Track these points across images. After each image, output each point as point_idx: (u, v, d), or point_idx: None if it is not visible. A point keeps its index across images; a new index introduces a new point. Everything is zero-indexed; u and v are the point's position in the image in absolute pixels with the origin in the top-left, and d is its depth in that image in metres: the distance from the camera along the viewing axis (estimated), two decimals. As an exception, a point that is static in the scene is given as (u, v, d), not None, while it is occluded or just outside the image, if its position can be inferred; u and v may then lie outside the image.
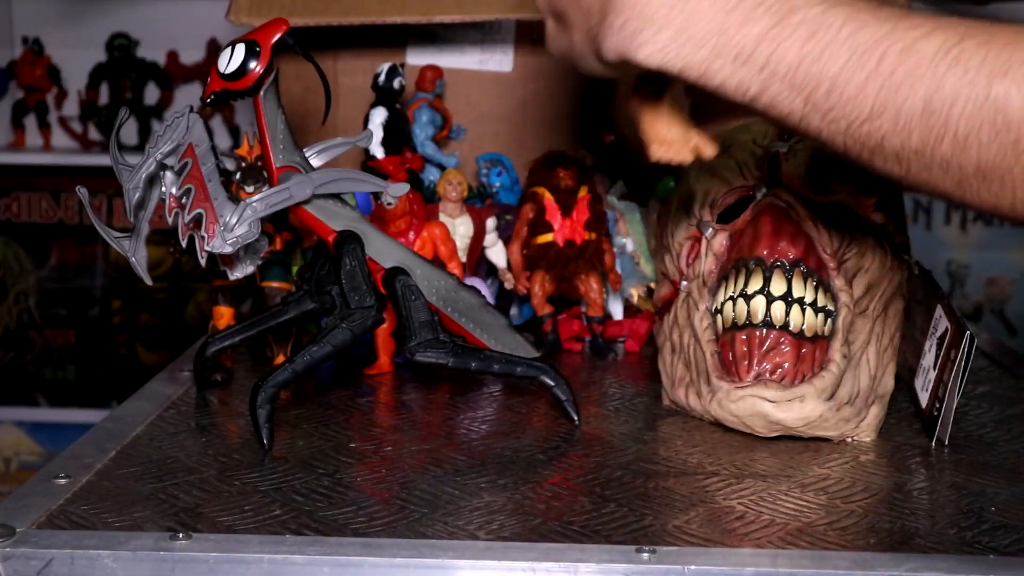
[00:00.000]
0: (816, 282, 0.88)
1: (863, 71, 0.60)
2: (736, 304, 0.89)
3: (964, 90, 0.58)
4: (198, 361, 0.98)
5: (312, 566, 0.67)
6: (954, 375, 0.84)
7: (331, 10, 1.19)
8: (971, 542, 0.70)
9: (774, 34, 0.62)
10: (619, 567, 0.66)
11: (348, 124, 1.22)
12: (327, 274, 0.91)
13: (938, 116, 0.59)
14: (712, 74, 0.64)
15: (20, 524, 0.70)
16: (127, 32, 2.49)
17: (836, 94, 0.61)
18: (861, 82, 0.60)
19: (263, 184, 0.91)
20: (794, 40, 0.62)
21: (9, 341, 2.55)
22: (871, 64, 0.60)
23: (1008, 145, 0.57)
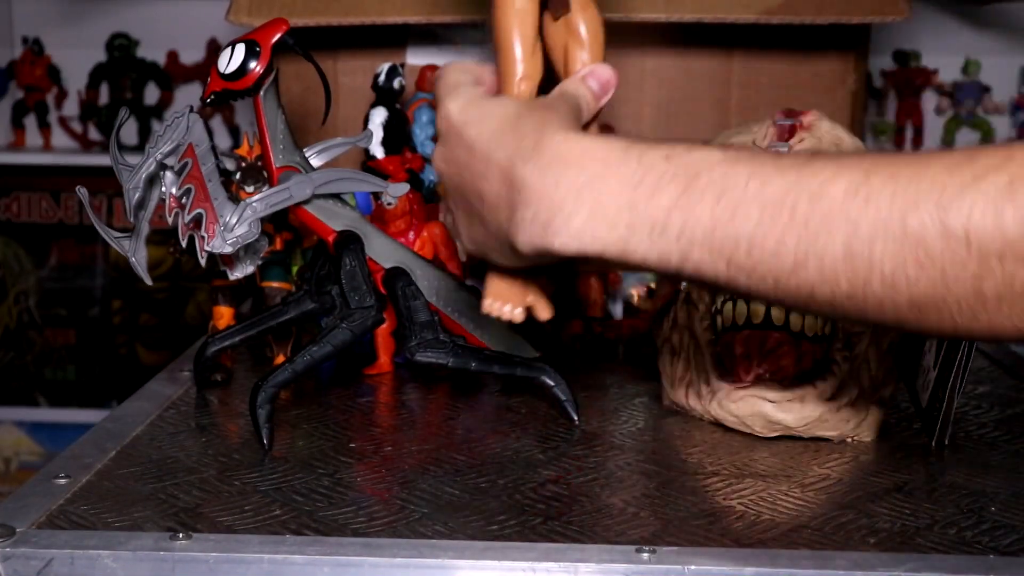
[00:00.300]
0: (816, 282, 0.88)
1: (778, 225, 0.60)
2: (736, 304, 0.89)
3: (880, 229, 0.57)
4: (198, 361, 0.98)
5: (312, 566, 0.67)
6: (954, 375, 0.84)
7: (331, 10, 1.19)
8: (971, 542, 0.70)
9: (683, 202, 0.61)
10: (619, 567, 0.66)
11: (348, 124, 1.22)
12: (327, 274, 0.91)
13: (861, 259, 0.58)
14: (631, 251, 0.63)
15: (20, 524, 0.70)
16: (127, 32, 2.48)
17: (756, 252, 0.60)
18: (778, 236, 0.60)
19: (263, 184, 0.91)
20: (704, 205, 0.61)
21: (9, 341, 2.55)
22: (784, 217, 0.60)
23: (936, 277, 0.57)
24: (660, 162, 0.63)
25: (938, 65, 2.37)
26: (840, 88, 1.27)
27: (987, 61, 2.35)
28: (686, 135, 1.27)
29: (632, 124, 1.30)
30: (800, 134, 0.93)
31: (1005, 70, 2.37)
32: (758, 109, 1.24)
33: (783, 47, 1.27)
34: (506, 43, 0.75)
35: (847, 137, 0.95)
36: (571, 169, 0.64)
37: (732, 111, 1.28)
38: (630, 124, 1.30)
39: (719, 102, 1.29)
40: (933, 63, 2.36)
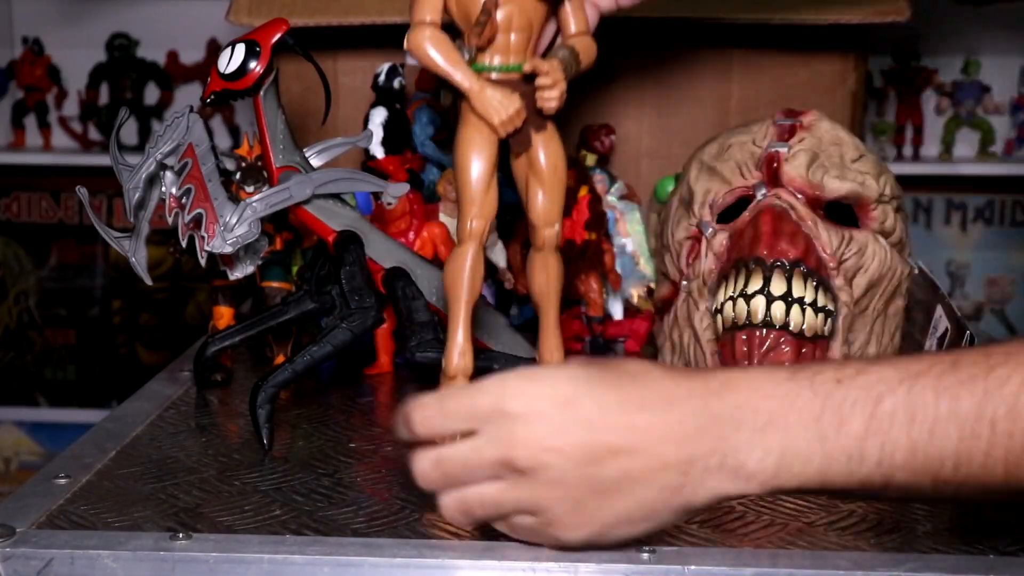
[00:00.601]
0: (816, 282, 0.88)
1: (980, 442, 0.60)
2: (736, 304, 0.89)
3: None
4: (198, 361, 0.98)
5: (312, 566, 0.67)
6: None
7: (331, 10, 1.19)
8: (971, 542, 0.70)
9: (875, 427, 0.61)
10: (619, 567, 0.66)
11: (348, 124, 1.22)
12: (327, 274, 0.91)
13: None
14: (832, 481, 0.62)
15: (20, 524, 0.70)
16: (127, 32, 2.48)
17: (964, 468, 0.61)
18: (984, 451, 0.60)
19: (263, 184, 0.91)
20: (899, 429, 0.61)
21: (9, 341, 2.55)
22: (985, 433, 0.60)
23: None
24: (835, 388, 0.62)
25: (938, 65, 2.37)
26: (840, 88, 1.27)
27: (987, 61, 2.35)
28: (686, 135, 1.27)
29: (632, 124, 1.30)
30: (800, 134, 0.93)
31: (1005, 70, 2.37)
32: (758, 109, 1.24)
33: (783, 47, 1.27)
34: (463, 181, 0.79)
35: (847, 137, 0.95)
36: (747, 411, 0.62)
37: (732, 111, 1.28)
38: (630, 124, 1.30)
39: (719, 102, 1.29)
40: (933, 63, 2.36)
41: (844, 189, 0.91)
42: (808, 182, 0.91)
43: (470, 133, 0.79)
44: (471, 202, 0.79)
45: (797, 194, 0.91)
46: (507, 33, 0.79)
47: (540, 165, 0.81)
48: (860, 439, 0.61)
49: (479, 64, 0.79)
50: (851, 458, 0.61)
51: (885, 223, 0.93)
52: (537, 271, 0.83)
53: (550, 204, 0.81)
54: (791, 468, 0.62)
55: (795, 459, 0.62)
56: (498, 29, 0.78)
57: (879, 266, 0.91)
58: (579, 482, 0.63)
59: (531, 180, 0.81)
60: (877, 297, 0.92)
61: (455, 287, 0.79)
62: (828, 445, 0.61)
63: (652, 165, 1.30)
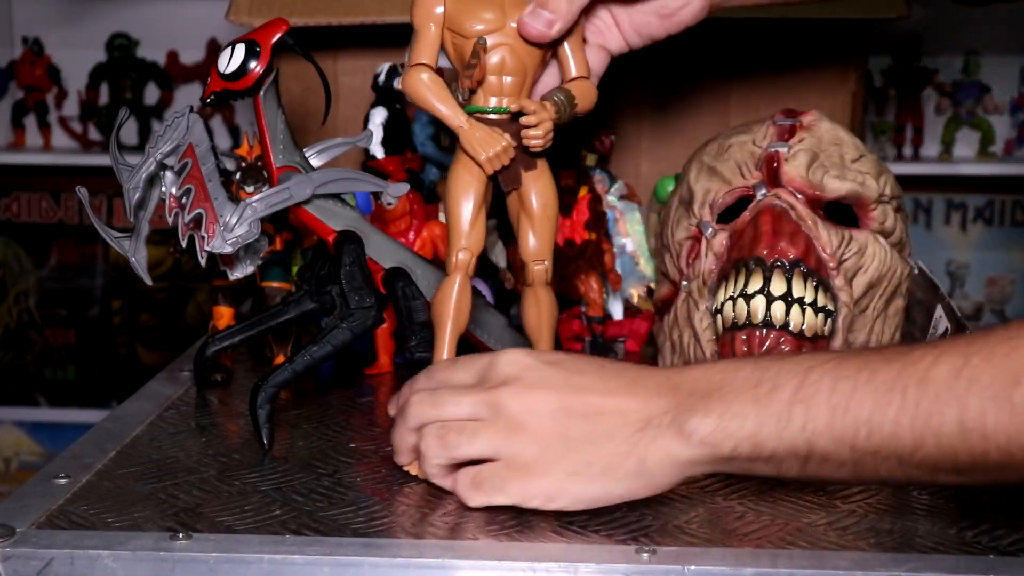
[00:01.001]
0: (816, 282, 0.88)
1: (891, 408, 0.65)
2: (736, 304, 0.89)
3: (988, 405, 0.63)
4: (198, 361, 0.98)
5: (312, 566, 0.67)
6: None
7: (331, 10, 1.19)
8: (971, 542, 0.70)
9: (801, 395, 0.67)
10: (619, 567, 0.66)
11: (348, 124, 1.22)
12: (327, 274, 0.91)
13: (976, 433, 0.63)
14: (763, 444, 0.68)
15: (20, 524, 0.70)
16: (127, 32, 2.48)
17: (876, 435, 0.65)
18: (893, 419, 0.65)
19: (263, 184, 0.91)
20: (821, 396, 0.67)
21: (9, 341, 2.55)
22: (896, 400, 0.65)
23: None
24: (773, 363, 0.70)
25: (938, 65, 2.37)
26: (840, 88, 1.27)
27: (987, 61, 2.35)
28: (686, 135, 1.27)
29: (632, 124, 1.30)
30: (800, 134, 0.93)
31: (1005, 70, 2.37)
32: (758, 109, 1.24)
33: (783, 47, 1.27)
34: (451, 215, 0.83)
35: (847, 137, 0.95)
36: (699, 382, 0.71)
37: (732, 111, 1.28)
38: (630, 124, 1.30)
39: (719, 102, 1.29)
40: (933, 63, 2.36)
41: (844, 189, 0.91)
42: (808, 182, 0.91)
43: (461, 170, 0.83)
44: (458, 236, 0.83)
45: (797, 194, 0.91)
46: (500, 75, 0.82)
47: (530, 203, 0.84)
48: (788, 404, 0.67)
49: (472, 105, 0.83)
50: (779, 420, 0.67)
51: (885, 223, 0.93)
52: (528, 306, 0.87)
53: (539, 242, 0.85)
54: (727, 428, 0.68)
55: (732, 419, 0.68)
56: (486, 72, 0.82)
57: (879, 266, 0.91)
58: (551, 430, 0.71)
59: (522, 217, 0.85)
60: (877, 297, 0.92)
61: (442, 316, 0.83)
62: (760, 408, 0.68)
63: (652, 165, 1.30)
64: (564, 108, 0.83)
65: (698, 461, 0.70)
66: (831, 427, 0.66)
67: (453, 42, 0.83)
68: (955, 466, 0.64)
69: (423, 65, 0.82)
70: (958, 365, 0.64)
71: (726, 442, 0.68)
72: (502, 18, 0.82)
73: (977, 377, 0.63)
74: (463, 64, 0.82)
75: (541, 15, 0.82)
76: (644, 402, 0.71)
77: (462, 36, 0.82)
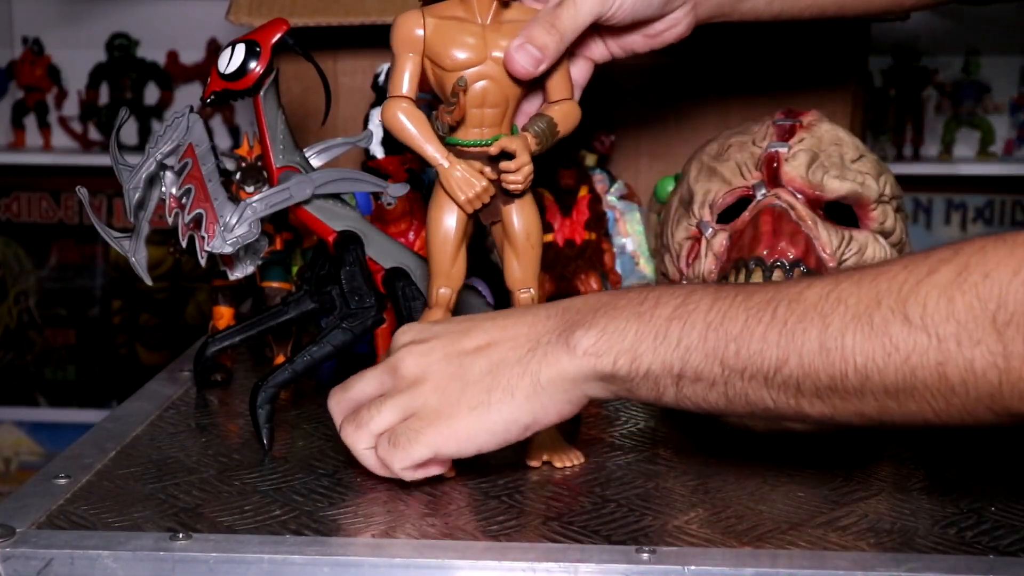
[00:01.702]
0: (816, 282, 0.88)
1: (760, 325, 0.67)
2: (736, 304, 0.89)
3: (849, 324, 0.64)
4: (198, 361, 0.98)
5: (312, 566, 0.67)
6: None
7: (331, 10, 1.19)
8: (971, 542, 0.70)
9: (680, 312, 0.70)
10: (619, 567, 0.66)
11: (348, 124, 1.22)
12: (327, 274, 0.91)
13: (836, 352, 0.65)
14: (640, 360, 0.70)
15: (20, 524, 0.70)
16: (127, 32, 2.48)
17: (744, 351, 0.67)
18: (761, 335, 0.67)
19: (263, 184, 0.91)
20: (698, 313, 0.69)
21: (9, 341, 2.55)
22: (766, 318, 0.67)
23: (902, 365, 0.63)
24: (662, 287, 0.73)
25: (938, 65, 2.37)
26: (840, 88, 1.27)
27: (987, 61, 2.35)
28: (686, 135, 1.27)
29: (632, 124, 1.30)
30: (800, 134, 0.93)
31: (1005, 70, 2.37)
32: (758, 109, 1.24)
33: (783, 47, 1.27)
34: (433, 251, 0.84)
35: (847, 137, 0.95)
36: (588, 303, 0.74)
37: (732, 111, 1.28)
38: (630, 124, 1.30)
39: (719, 102, 1.29)
40: (933, 63, 2.36)
41: (844, 189, 0.91)
42: (808, 182, 0.91)
43: (439, 204, 0.83)
44: (438, 272, 0.84)
45: (797, 194, 0.91)
46: (482, 107, 0.82)
47: (514, 234, 0.84)
48: (667, 320, 0.70)
49: (451, 138, 0.82)
50: (657, 335, 0.70)
51: (885, 223, 0.93)
52: None
53: (523, 271, 0.85)
54: (610, 340, 0.71)
55: (613, 333, 0.71)
56: (466, 111, 0.81)
57: (879, 266, 0.91)
58: (448, 374, 0.74)
59: (506, 247, 0.85)
60: (877, 297, 0.92)
61: None
62: (641, 323, 0.70)
63: (652, 165, 1.30)
64: (546, 137, 0.83)
65: (586, 376, 0.72)
66: (704, 342, 0.68)
67: (434, 72, 0.82)
68: (815, 387, 0.66)
69: (402, 97, 0.81)
70: (829, 287, 0.66)
71: (607, 355, 0.71)
72: (483, 48, 0.81)
73: (844, 298, 0.65)
74: (444, 94, 0.82)
75: (530, 52, 0.81)
76: (533, 325, 0.74)
77: (442, 68, 0.81)
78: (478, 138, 0.82)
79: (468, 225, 0.84)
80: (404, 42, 0.81)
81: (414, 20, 0.81)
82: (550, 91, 0.86)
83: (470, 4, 0.82)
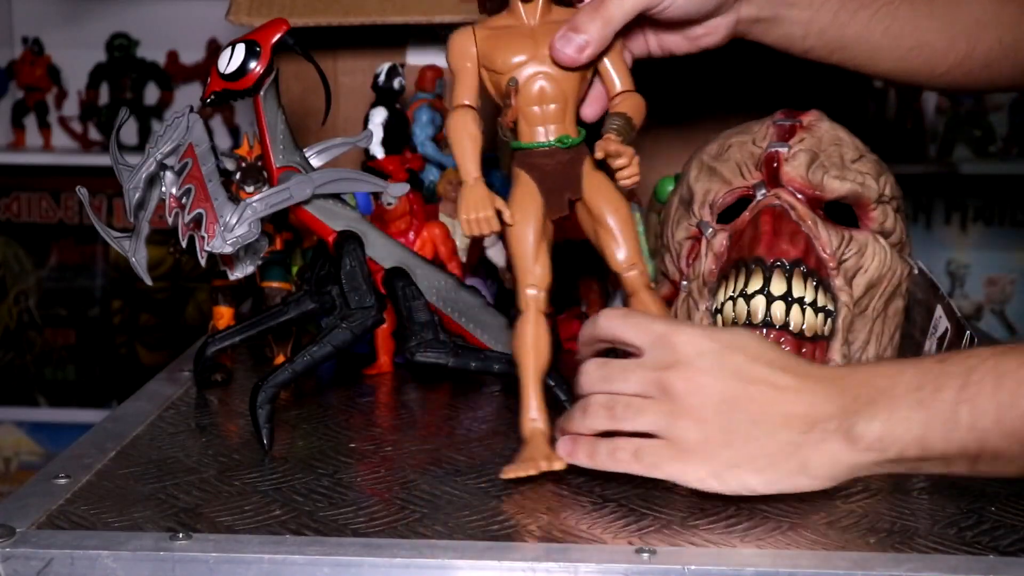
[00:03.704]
0: (816, 282, 0.88)
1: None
2: (736, 304, 0.89)
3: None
4: (198, 361, 0.98)
5: (312, 566, 0.67)
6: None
7: (331, 10, 1.19)
8: (971, 542, 0.70)
9: (965, 395, 0.69)
10: (619, 567, 0.66)
11: (348, 124, 1.22)
12: (327, 274, 0.91)
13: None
14: (931, 447, 0.69)
15: (20, 524, 0.70)
16: (127, 32, 2.48)
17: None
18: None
19: (263, 184, 0.91)
20: (984, 395, 0.68)
21: (9, 341, 2.55)
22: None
23: None
24: (935, 365, 0.71)
25: (938, 65, 2.36)
26: (840, 88, 1.26)
27: (987, 61, 2.35)
28: (686, 135, 1.27)
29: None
30: (800, 134, 0.93)
31: (1005, 70, 2.37)
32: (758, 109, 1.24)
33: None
34: (512, 253, 0.82)
35: (847, 137, 0.95)
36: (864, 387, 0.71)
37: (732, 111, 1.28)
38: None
39: (719, 102, 1.29)
40: (933, 63, 2.36)
41: (844, 189, 0.91)
42: (808, 182, 0.91)
43: (516, 197, 0.82)
44: (522, 273, 0.82)
45: (797, 194, 0.91)
46: (541, 105, 0.83)
47: (601, 214, 0.84)
48: (953, 404, 0.68)
49: (516, 143, 0.83)
50: (946, 422, 0.68)
51: (885, 223, 0.93)
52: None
53: (625, 249, 0.84)
54: (894, 432, 0.69)
55: (898, 424, 0.69)
56: (521, 111, 0.82)
57: (879, 266, 0.91)
58: (715, 420, 0.72)
59: (598, 231, 0.84)
60: (877, 297, 0.92)
61: (522, 358, 0.82)
62: (926, 411, 0.69)
63: (652, 165, 1.30)
64: (627, 133, 0.83)
65: (863, 465, 0.71)
66: (1000, 424, 0.67)
67: (491, 79, 0.84)
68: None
69: (464, 107, 0.83)
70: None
71: (893, 446, 0.70)
72: (534, 48, 0.83)
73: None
74: (502, 99, 0.83)
75: (572, 39, 0.82)
76: (810, 405, 0.72)
77: (497, 73, 0.83)
78: (543, 139, 0.83)
79: (546, 225, 0.83)
80: (458, 56, 0.83)
81: (465, 36, 0.84)
82: (612, 85, 0.86)
83: (516, 10, 0.84)
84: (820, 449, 0.71)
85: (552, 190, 0.83)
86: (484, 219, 0.80)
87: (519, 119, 0.83)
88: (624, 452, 0.75)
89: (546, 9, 0.84)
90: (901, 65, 0.97)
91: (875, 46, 0.95)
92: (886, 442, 0.70)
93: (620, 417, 0.75)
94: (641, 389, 0.74)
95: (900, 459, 0.70)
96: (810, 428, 0.71)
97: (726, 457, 0.72)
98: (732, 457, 0.72)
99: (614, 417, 0.75)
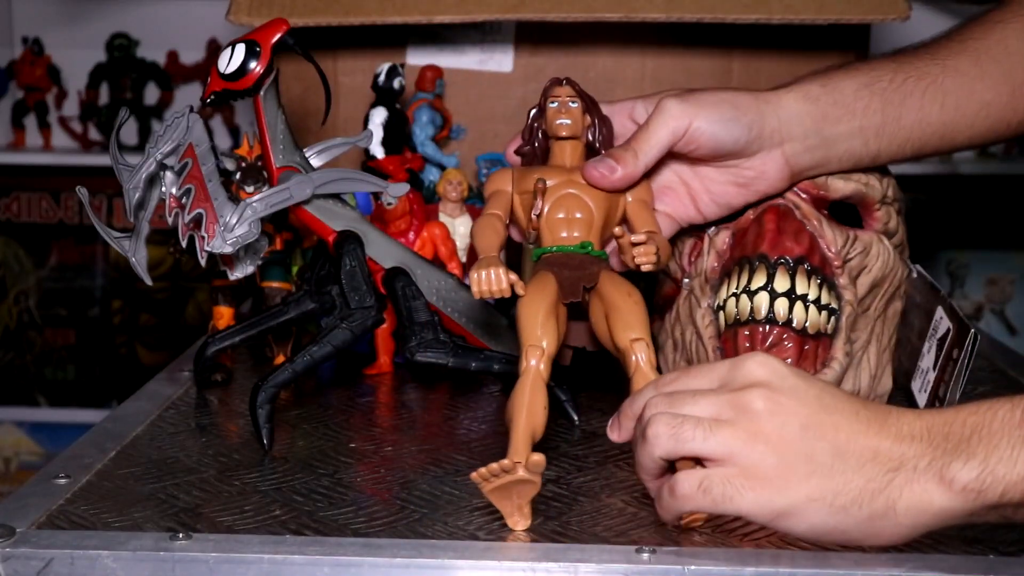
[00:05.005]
0: (820, 280, 0.88)
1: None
2: (739, 300, 0.89)
3: None
4: (198, 361, 0.98)
5: (312, 566, 0.67)
6: (956, 373, 0.84)
7: (331, 10, 1.19)
8: (971, 542, 0.70)
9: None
10: (619, 567, 0.66)
11: (348, 124, 1.22)
12: (327, 274, 0.91)
13: None
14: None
15: (20, 524, 0.70)
16: (127, 32, 2.48)
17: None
18: None
19: (263, 184, 0.91)
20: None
21: (9, 341, 2.55)
22: None
23: None
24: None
25: (938, 65, 2.36)
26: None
27: (987, 61, 2.35)
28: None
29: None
30: (801, 134, 0.93)
31: (1005, 70, 2.36)
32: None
33: (783, 47, 1.27)
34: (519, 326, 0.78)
35: (847, 137, 0.95)
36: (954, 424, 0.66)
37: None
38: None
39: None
40: (933, 63, 2.35)
41: (848, 189, 0.91)
42: (812, 182, 0.91)
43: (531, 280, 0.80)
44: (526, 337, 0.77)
45: (802, 193, 0.91)
46: (567, 213, 0.84)
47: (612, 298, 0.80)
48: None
49: (538, 249, 0.84)
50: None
51: (889, 224, 0.93)
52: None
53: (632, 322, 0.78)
54: (995, 472, 0.64)
55: (999, 463, 0.64)
56: (539, 224, 0.84)
57: (883, 266, 0.91)
58: (797, 447, 0.66)
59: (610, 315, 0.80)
60: (879, 298, 0.92)
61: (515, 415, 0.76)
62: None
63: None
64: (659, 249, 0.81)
65: (956, 512, 0.65)
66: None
67: (522, 202, 0.85)
68: None
69: (493, 214, 0.84)
70: None
71: (994, 488, 0.64)
72: (567, 175, 0.85)
73: None
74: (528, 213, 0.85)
75: (604, 160, 0.84)
76: (897, 441, 0.66)
77: (528, 192, 0.84)
78: (565, 242, 0.83)
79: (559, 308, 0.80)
80: (495, 182, 0.87)
81: (504, 172, 0.87)
82: (633, 223, 0.85)
83: (554, 154, 0.87)
84: (910, 489, 0.65)
85: (568, 277, 0.81)
86: (495, 277, 0.76)
87: (542, 228, 0.84)
88: (687, 485, 0.67)
89: (582, 157, 0.87)
90: (975, 131, 0.92)
91: (939, 124, 0.90)
92: (986, 482, 0.63)
93: (687, 438, 0.67)
94: (715, 412, 0.67)
95: (1000, 504, 0.64)
96: (899, 466, 0.65)
97: (808, 490, 0.66)
98: (815, 490, 0.66)
99: (679, 438, 0.67)
